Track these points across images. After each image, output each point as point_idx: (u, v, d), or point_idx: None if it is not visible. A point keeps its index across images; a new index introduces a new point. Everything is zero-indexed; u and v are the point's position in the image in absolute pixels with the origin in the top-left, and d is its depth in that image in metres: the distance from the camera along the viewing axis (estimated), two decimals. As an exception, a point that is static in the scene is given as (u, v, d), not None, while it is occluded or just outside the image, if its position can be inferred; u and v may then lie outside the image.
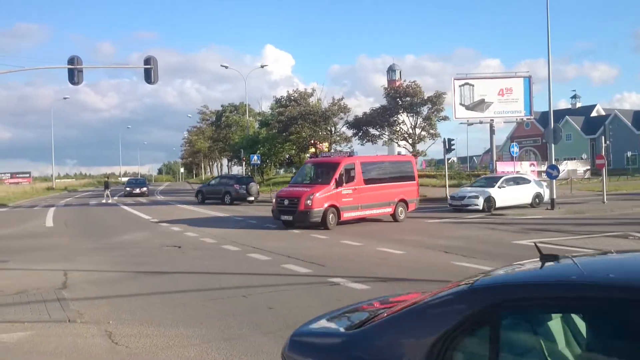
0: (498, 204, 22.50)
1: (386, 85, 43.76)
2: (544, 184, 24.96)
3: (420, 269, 10.39)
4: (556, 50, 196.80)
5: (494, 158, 36.71)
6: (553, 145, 23.62)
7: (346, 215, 18.36)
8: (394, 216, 19.84)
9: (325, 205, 17.59)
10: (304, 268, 10.61)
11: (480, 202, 22.16)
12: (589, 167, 49.57)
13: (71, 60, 22.99)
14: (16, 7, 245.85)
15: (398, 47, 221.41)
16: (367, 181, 19.02)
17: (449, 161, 61.58)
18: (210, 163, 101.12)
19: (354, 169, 18.76)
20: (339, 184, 18.08)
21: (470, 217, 20.72)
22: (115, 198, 42.83)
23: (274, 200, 19.26)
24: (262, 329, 6.54)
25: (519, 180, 24.40)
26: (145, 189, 46.07)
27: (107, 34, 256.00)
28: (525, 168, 44.77)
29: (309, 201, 17.39)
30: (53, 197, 48.64)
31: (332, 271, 10.20)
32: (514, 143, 37.18)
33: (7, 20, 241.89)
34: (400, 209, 19.97)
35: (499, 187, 22.97)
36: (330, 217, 17.68)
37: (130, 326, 6.79)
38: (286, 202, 18.08)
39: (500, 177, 24.32)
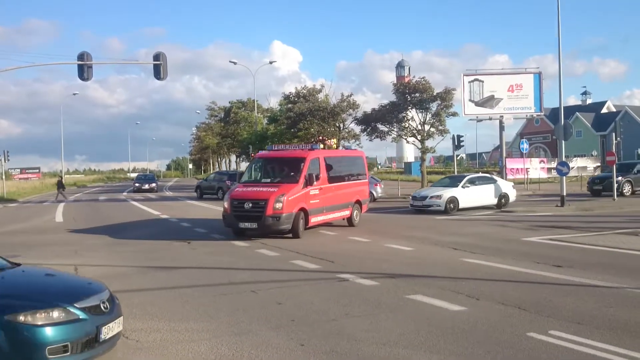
0: (462, 205, 21.31)
1: (395, 81, 43.63)
2: (511, 184, 24.27)
3: (429, 265, 10.39)
4: (565, 46, 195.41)
5: (504, 155, 36.53)
6: (563, 141, 23.51)
7: (313, 219, 15.40)
8: (350, 220, 17.34)
9: (296, 208, 14.47)
10: (312, 264, 10.63)
11: (442, 203, 20.85)
12: (599, 164, 49.30)
13: (81, 56, 23.12)
14: (26, 3, 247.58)
15: (406, 43, 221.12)
16: (330, 180, 16.36)
17: (458, 158, 61.54)
18: (219, 159, 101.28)
19: (319, 165, 15.90)
20: (308, 182, 15.01)
21: (478, 214, 20.62)
22: (125, 194, 43.11)
23: (225, 203, 15.15)
24: (271, 324, 6.57)
25: (484, 180, 23.11)
26: (154, 184, 46.35)
27: (115, 30, 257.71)
28: (535, 164, 44.77)
29: (278, 204, 14.02)
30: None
31: (340, 267, 10.21)
32: (524, 139, 37.10)
33: (16, 17, 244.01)
34: (356, 211, 17.60)
35: (462, 187, 21.79)
36: (301, 223, 14.70)
37: (141, 320, 6.84)
38: (248, 205, 14.34)
39: (464, 177, 23.24)
